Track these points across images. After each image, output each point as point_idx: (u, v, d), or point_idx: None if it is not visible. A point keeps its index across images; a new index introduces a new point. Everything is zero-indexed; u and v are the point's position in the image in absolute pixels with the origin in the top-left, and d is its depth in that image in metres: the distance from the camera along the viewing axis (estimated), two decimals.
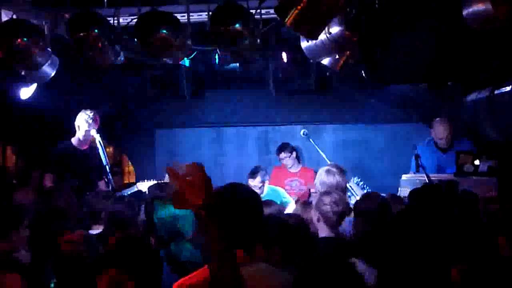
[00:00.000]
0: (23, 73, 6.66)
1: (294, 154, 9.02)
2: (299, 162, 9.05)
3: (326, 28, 5.46)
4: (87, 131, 7.25)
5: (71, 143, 7.44)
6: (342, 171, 5.96)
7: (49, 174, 7.40)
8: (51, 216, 4.91)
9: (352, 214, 5.25)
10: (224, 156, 9.69)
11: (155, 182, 6.78)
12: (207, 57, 7.53)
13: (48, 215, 4.95)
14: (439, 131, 7.74)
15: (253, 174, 7.88)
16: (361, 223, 4.91)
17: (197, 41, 6.29)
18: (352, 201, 6.22)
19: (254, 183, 7.67)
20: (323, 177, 5.87)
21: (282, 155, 8.96)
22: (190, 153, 9.44)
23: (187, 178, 2.71)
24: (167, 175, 5.00)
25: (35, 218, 4.84)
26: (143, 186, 6.47)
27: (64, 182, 7.08)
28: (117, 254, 3.37)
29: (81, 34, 5.93)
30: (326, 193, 5.14)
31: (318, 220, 4.91)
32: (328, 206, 4.89)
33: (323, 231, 4.91)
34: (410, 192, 5.34)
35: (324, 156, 7.57)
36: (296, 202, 7.45)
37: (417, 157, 6.74)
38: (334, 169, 5.94)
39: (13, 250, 4.48)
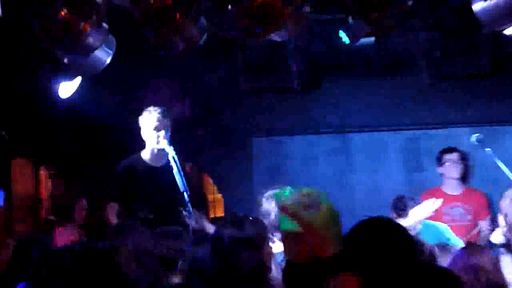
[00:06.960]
0: (66, 60, 6.58)
1: (464, 164, 8.22)
2: (463, 182, 8.28)
3: None
4: (158, 138, 6.71)
5: (140, 158, 6.87)
6: None
7: (111, 205, 6.91)
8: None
9: None
10: (352, 174, 9.01)
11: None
12: (329, 31, 7.19)
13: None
14: None
15: (400, 210, 7.30)
16: None
17: (317, 8, 6.18)
18: None
19: (405, 223, 7.09)
20: None
21: (449, 156, 8.18)
22: (302, 171, 8.91)
23: (303, 216, 2.72)
24: (263, 205, 5.31)
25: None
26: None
27: (133, 216, 6.57)
28: None
29: (150, 2, 5.85)
30: None
31: None
32: None
33: None
34: None
35: (508, 172, 6.92)
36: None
37: None
38: None
39: None
